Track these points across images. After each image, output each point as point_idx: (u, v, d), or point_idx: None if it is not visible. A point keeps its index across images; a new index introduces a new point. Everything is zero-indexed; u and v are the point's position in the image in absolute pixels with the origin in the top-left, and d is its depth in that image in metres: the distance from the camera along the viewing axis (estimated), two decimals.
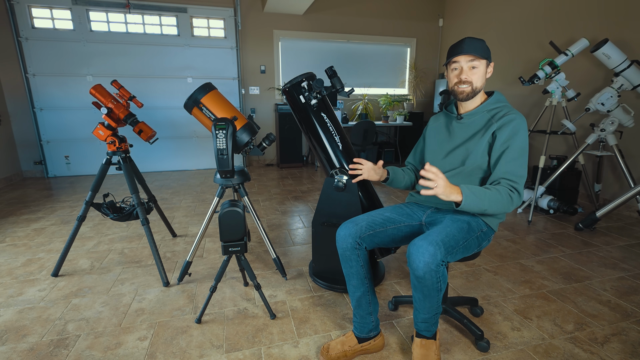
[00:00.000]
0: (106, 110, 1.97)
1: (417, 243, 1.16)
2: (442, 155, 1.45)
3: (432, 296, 1.19)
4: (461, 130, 1.41)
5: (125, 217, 2.06)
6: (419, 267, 1.13)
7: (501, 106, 1.36)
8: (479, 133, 1.34)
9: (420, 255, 1.13)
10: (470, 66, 1.30)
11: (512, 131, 1.27)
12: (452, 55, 1.31)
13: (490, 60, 1.33)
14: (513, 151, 1.26)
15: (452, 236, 1.21)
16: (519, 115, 1.30)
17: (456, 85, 1.33)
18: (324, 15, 5.35)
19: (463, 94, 1.33)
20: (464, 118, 1.40)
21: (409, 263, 1.18)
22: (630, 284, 1.95)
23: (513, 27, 4.38)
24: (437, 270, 1.13)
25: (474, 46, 1.28)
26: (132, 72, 4.77)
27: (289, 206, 3.40)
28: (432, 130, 1.54)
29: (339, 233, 1.39)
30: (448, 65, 1.35)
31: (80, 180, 4.57)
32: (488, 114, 1.35)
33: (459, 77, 1.32)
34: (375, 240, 1.40)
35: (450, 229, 1.23)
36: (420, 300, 1.23)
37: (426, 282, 1.15)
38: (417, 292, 1.22)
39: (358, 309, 1.42)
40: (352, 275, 1.40)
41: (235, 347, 1.45)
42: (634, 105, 3.11)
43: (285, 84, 1.79)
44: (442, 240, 1.16)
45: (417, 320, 1.30)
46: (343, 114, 5.39)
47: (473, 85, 1.31)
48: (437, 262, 1.12)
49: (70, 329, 1.57)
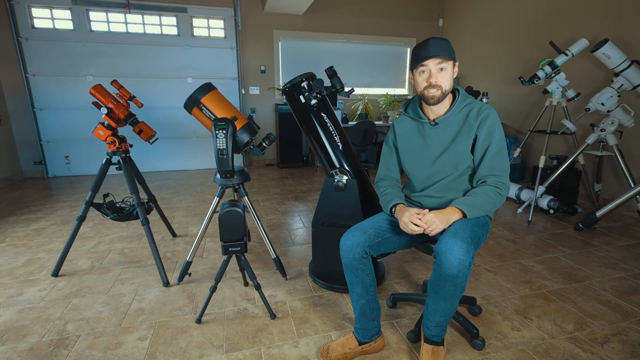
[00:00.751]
0: (106, 110, 1.97)
1: (448, 241, 1.13)
2: (427, 164, 1.39)
3: (457, 296, 1.18)
4: (437, 134, 1.36)
5: (125, 217, 2.06)
6: (453, 266, 1.10)
7: (470, 103, 1.35)
8: (460, 136, 1.32)
9: (455, 252, 1.10)
10: (439, 68, 1.25)
11: (490, 127, 1.29)
12: (420, 58, 1.25)
13: (455, 60, 1.30)
14: (494, 147, 1.30)
15: (475, 232, 1.21)
16: (492, 110, 1.31)
17: (426, 89, 1.28)
18: (324, 15, 5.35)
19: (434, 99, 1.29)
20: (439, 124, 1.35)
21: (439, 262, 1.14)
22: (630, 284, 1.95)
23: (513, 27, 4.38)
24: (469, 268, 1.12)
25: (441, 47, 1.23)
26: (132, 72, 4.77)
27: (289, 206, 3.40)
28: (403, 137, 1.45)
29: (345, 242, 1.32)
30: (415, 69, 1.30)
31: (80, 180, 4.57)
32: (461, 114, 1.34)
33: (428, 80, 1.27)
34: (382, 247, 1.36)
35: (470, 225, 1.22)
36: (440, 302, 1.20)
37: (457, 280, 1.13)
38: (439, 293, 1.19)
39: (361, 317, 1.38)
40: (356, 284, 1.35)
41: (235, 347, 1.45)
42: (634, 105, 3.11)
43: (285, 84, 1.79)
44: (470, 236, 1.16)
45: (430, 325, 1.28)
46: (343, 114, 5.39)
47: (443, 89, 1.27)
48: (470, 259, 1.11)
49: (70, 329, 1.57)
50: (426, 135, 1.39)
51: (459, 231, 1.16)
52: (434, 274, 1.19)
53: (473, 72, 5.15)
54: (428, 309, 1.27)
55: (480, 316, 1.66)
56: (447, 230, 1.19)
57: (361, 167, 1.90)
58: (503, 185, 1.29)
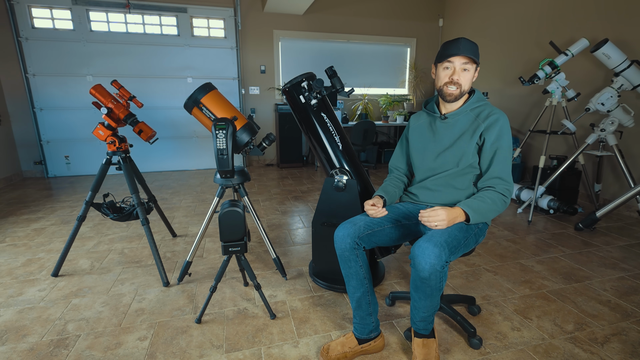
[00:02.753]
0: (106, 110, 1.97)
1: (422, 245, 1.16)
2: (432, 157, 1.43)
3: (434, 295, 1.21)
4: (446, 130, 1.40)
5: (125, 217, 2.06)
6: (424, 269, 1.14)
7: (482, 104, 1.38)
8: (466, 133, 1.35)
9: (427, 257, 1.13)
10: (463, 68, 1.29)
11: (500, 132, 1.31)
12: (447, 54, 1.29)
13: (479, 64, 1.33)
14: (503, 151, 1.32)
15: (454, 236, 1.22)
16: (502, 114, 1.33)
17: (445, 85, 1.32)
18: (324, 15, 5.35)
19: (451, 96, 1.33)
20: (448, 118, 1.40)
21: (413, 264, 1.18)
22: (630, 284, 1.95)
23: (513, 27, 4.38)
24: (442, 271, 1.15)
25: (471, 49, 1.27)
26: (132, 72, 4.77)
27: (289, 206, 3.40)
28: (415, 130, 1.51)
29: (337, 234, 1.38)
30: (440, 63, 1.33)
31: (80, 180, 4.57)
32: (472, 113, 1.37)
33: (450, 77, 1.31)
34: (374, 240, 1.39)
35: (451, 229, 1.24)
36: (421, 300, 1.24)
37: (430, 282, 1.16)
38: (418, 292, 1.22)
39: (358, 310, 1.41)
40: (351, 276, 1.39)
41: (235, 347, 1.45)
42: (634, 105, 3.11)
43: (285, 84, 1.79)
44: (445, 241, 1.17)
45: (416, 320, 1.31)
46: (343, 114, 5.39)
47: (462, 88, 1.32)
48: (442, 263, 1.13)
49: (70, 329, 1.57)
50: (436, 129, 1.43)
51: (435, 235, 1.19)
52: (412, 274, 1.23)
53: None
54: (413, 305, 1.30)
55: (480, 316, 1.67)
56: (425, 234, 1.23)
57: (361, 167, 1.90)
58: (509, 192, 1.31)
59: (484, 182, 1.35)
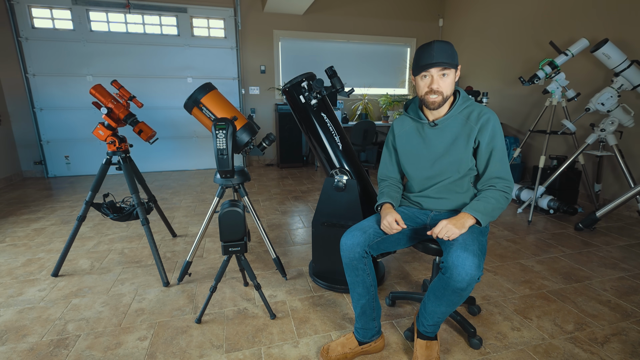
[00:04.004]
0: (106, 110, 1.97)
1: (460, 255, 1.12)
2: (427, 165, 1.38)
3: (459, 303, 1.20)
4: (437, 136, 1.35)
5: (125, 217, 2.06)
6: (464, 280, 1.10)
7: (470, 105, 1.35)
8: (460, 138, 1.32)
9: (467, 267, 1.10)
10: (441, 74, 1.24)
11: (492, 132, 1.30)
12: (422, 66, 1.24)
13: (458, 64, 1.28)
14: (498, 151, 1.31)
15: (482, 243, 1.22)
16: (492, 113, 1.31)
17: (427, 94, 1.28)
18: (324, 15, 5.35)
19: (435, 104, 1.28)
20: (438, 125, 1.35)
21: (450, 275, 1.12)
22: (630, 284, 1.95)
23: (513, 27, 4.38)
24: (478, 280, 1.13)
25: (445, 53, 1.21)
26: (132, 72, 4.77)
27: (289, 206, 3.40)
28: (402, 137, 1.44)
29: (345, 242, 1.33)
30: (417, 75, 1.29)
31: (80, 180, 4.57)
32: (461, 115, 1.34)
33: (430, 86, 1.26)
34: (382, 247, 1.37)
35: (476, 234, 1.22)
36: (441, 307, 1.22)
37: (465, 292, 1.14)
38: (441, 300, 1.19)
39: (362, 317, 1.38)
40: (357, 284, 1.35)
41: (235, 347, 1.45)
42: (634, 105, 3.11)
43: (285, 84, 1.79)
44: (479, 248, 1.16)
45: (427, 323, 1.29)
46: (343, 114, 5.39)
47: (444, 95, 1.27)
48: (480, 273, 1.12)
49: (70, 329, 1.57)
50: (426, 136, 1.38)
51: (469, 243, 1.15)
52: (438, 282, 1.19)
53: (473, 72, 5.15)
54: (426, 310, 1.28)
55: (480, 316, 1.67)
56: (456, 242, 1.17)
57: (361, 167, 1.90)
58: (509, 189, 1.31)
59: (484, 183, 1.34)
